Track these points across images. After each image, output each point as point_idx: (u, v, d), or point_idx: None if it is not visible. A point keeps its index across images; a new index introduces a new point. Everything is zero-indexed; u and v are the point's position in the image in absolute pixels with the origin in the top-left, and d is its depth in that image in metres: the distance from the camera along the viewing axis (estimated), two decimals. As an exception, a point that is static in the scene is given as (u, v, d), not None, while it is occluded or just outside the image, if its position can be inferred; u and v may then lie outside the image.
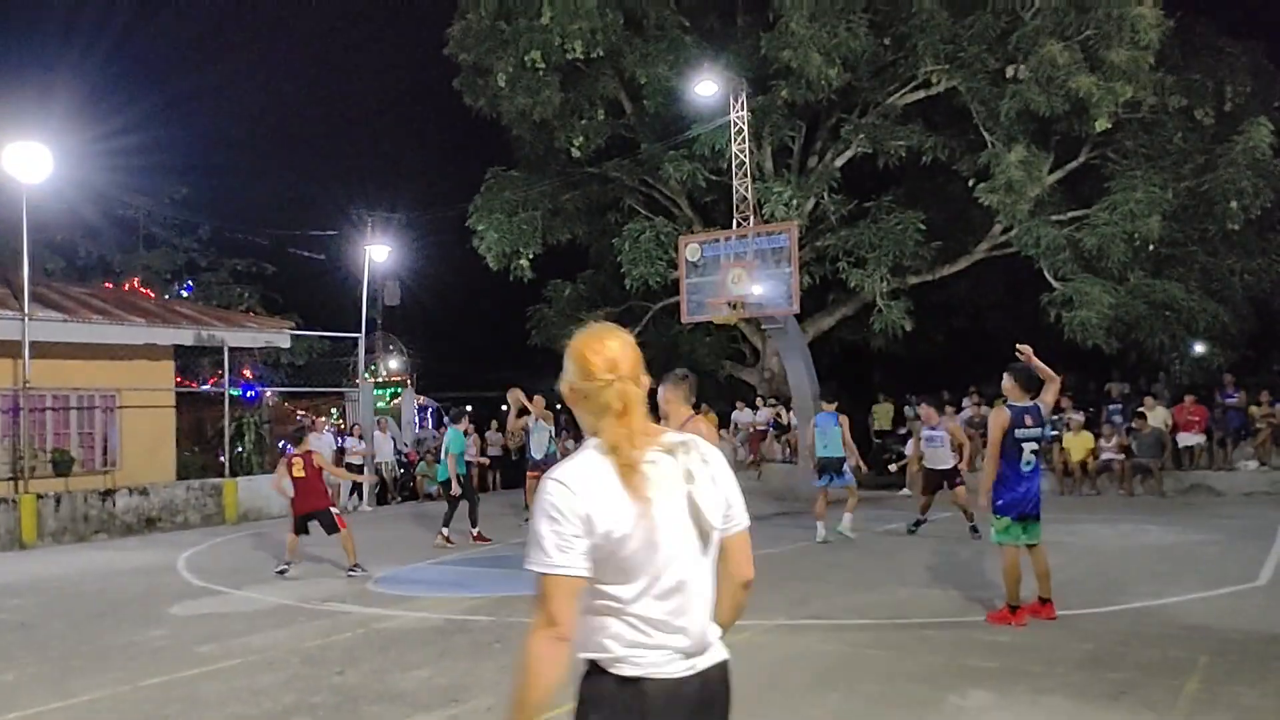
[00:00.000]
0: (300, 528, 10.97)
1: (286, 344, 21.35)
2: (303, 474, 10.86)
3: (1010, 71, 18.98)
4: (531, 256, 23.21)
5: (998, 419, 7.32)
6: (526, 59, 20.37)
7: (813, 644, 7.20)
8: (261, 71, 53.95)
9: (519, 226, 22.92)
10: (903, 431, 20.85)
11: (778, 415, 22.12)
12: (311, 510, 10.86)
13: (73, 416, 17.16)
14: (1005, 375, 7.47)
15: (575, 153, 22.09)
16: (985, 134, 19.56)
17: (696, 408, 6.99)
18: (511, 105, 21.40)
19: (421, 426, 28.03)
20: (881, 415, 23.03)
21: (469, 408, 17.58)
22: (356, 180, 47.72)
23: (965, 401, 20.16)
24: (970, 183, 19.70)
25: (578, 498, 2.16)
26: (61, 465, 16.51)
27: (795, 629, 7.67)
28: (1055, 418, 19.30)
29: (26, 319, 15.51)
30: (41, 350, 15.74)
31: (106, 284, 24.53)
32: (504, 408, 19.55)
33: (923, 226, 20.50)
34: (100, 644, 7.98)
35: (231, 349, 19.21)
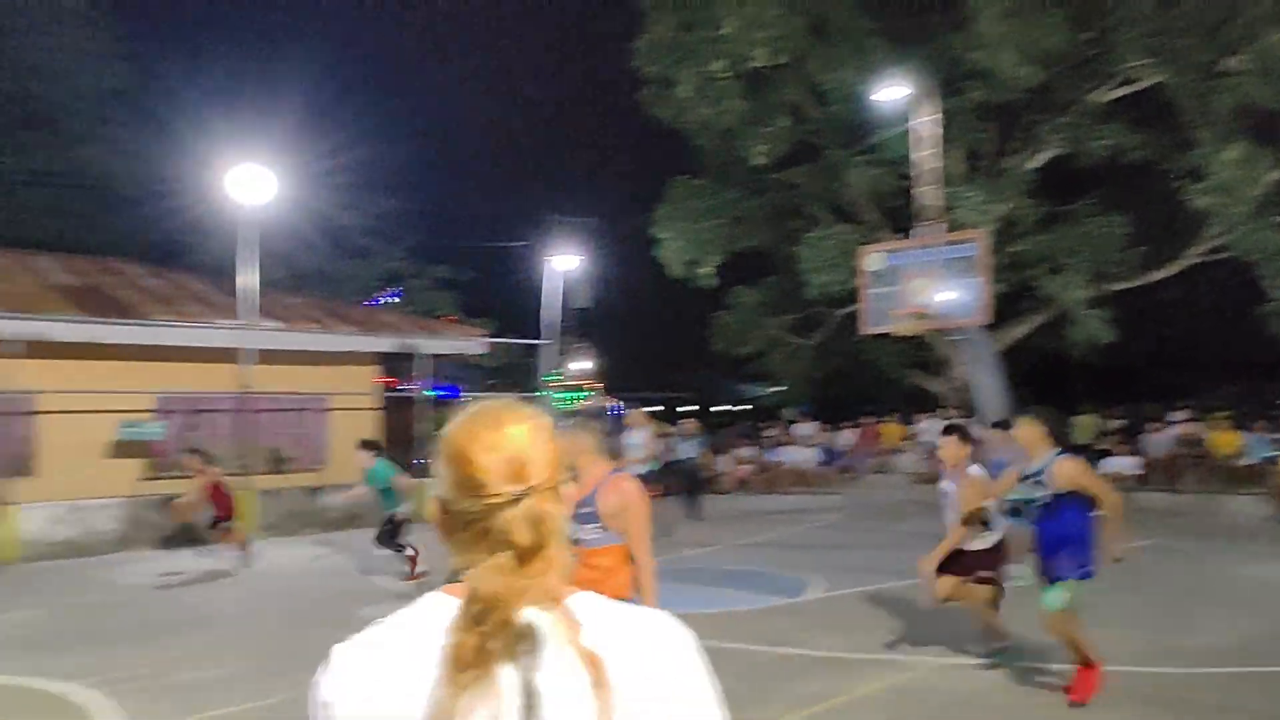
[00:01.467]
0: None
1: (480, 350, 22.05)
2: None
3: (1226, 64, 17.40)
4: (714, 265, 23.12)
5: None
6: (710, 69, 20.29)
7: (982, 687, 6.73)
8: (457, 93, 56.27)
9: (702, 234, 22.88)
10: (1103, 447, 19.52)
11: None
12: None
13: (288, 418, 18.30)
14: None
15: (758, 160, 21.83)
16: (1196, 131, 18.01)
17: (871, 413, 6.52)
18: (695, 115, 21.37)
19: (606, 429, 28.42)
20: (1083, 428, 21.65)
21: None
22: (548, 192, 49.05)
23: (1175, 415, 18.69)
24: (1179, 184, 18.19)
25: (341, 693, 1.34)
26: (277, 463, 17.64)
27: (964, 670, 7.19)
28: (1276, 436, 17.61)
29: (248, 328, 16.66)
30: (262, 357, 16.85)
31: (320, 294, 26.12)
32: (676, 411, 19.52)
33: (1127, 230, 19.11)
34: (300, 643, 8.38)
35: (430, 354, 20.04)
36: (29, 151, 27.87)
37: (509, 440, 1.39)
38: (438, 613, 1.34)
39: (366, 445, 11.67)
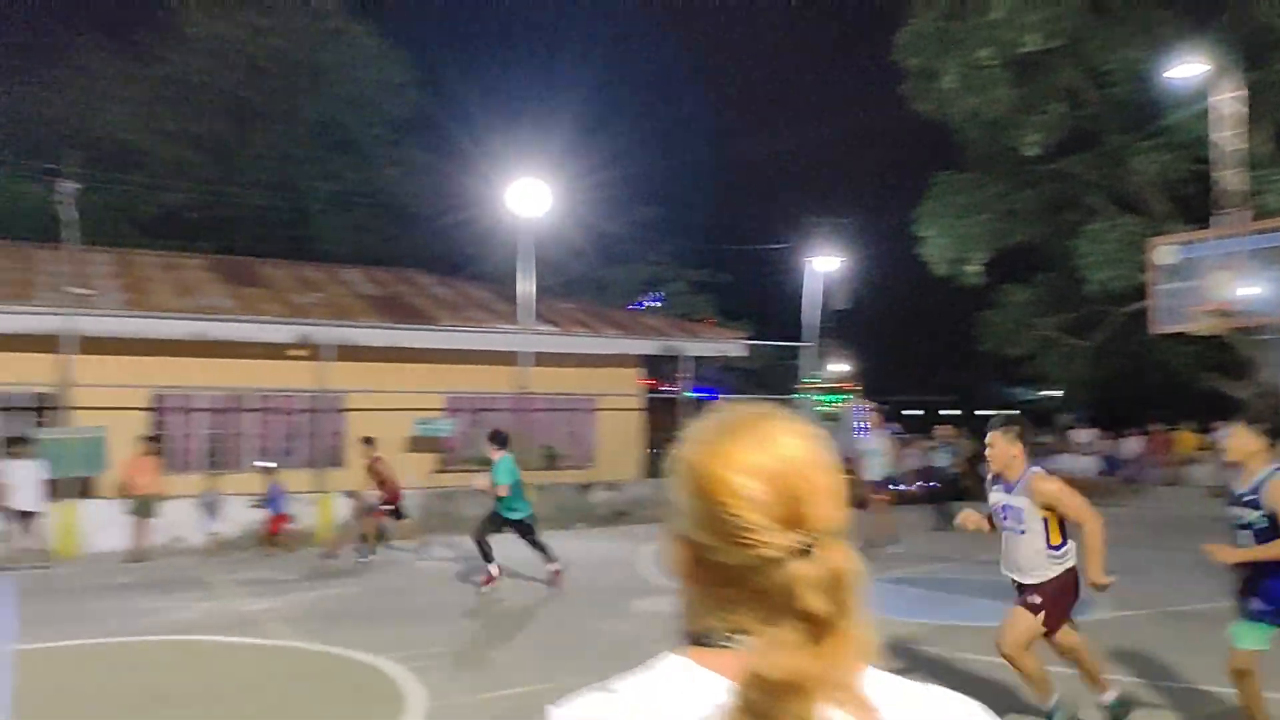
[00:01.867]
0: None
1: (740, 352, 22.21)
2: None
3: None
4: (981, 261, 22.08)
5: None
6: (976, 57, 19.40)
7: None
8: (717, 100, 56.93)
9: (968, 230, 21.91)
10: None
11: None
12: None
13: (560, 417, 19.22)
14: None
15: (1029, 150, 20.63)
16: None
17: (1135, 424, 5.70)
18: (960, 106, 20.51)
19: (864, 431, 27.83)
20: None
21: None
22: (807, 194, 48.63)
23: None
24: None
25: None
26: (550, 460, 18.56)
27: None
28: None
29: (525, 332, 17.66)
30: (537, 359, 17.81)
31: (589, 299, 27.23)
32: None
33: None
34: (578, 631, 8.78)
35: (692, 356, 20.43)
36: (337, 176, 30.91)
37: (784, 465, 1.03)
38: (687, 688, 1.03)
39: (494, 438, 10.90)
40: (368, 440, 14.03)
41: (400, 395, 16.80)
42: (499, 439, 10.82)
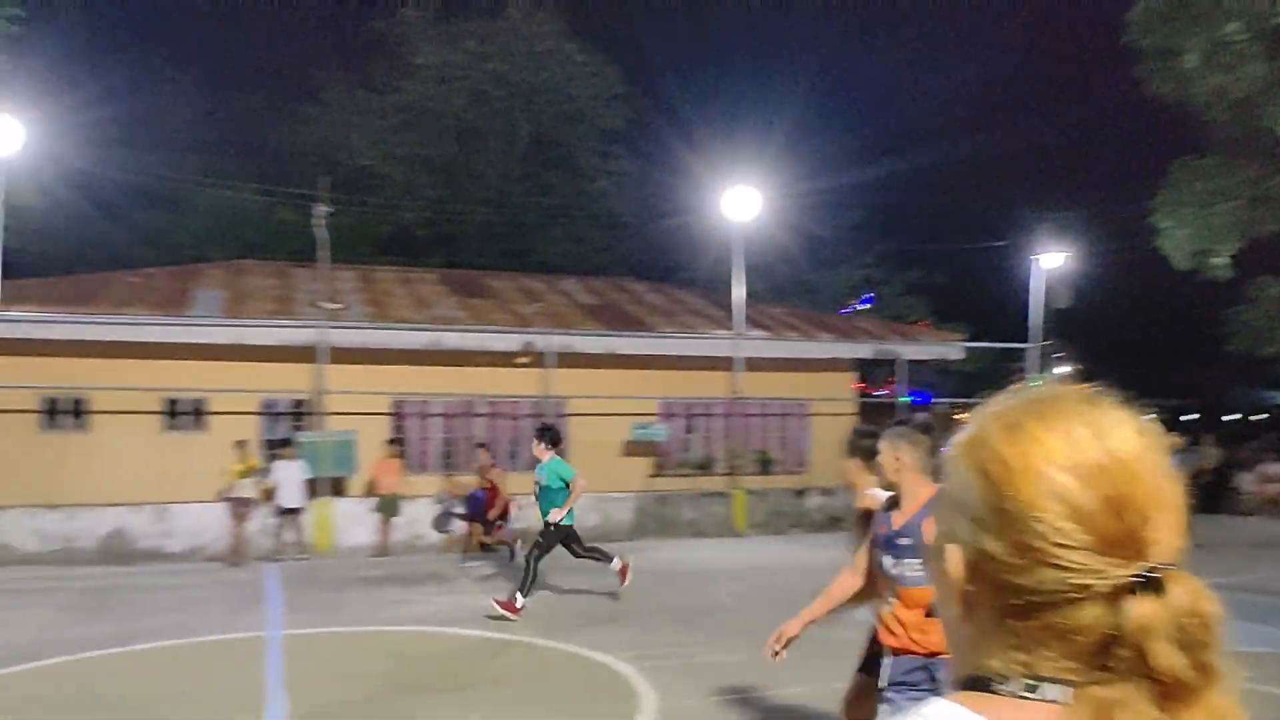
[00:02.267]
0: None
1: (958, 355, 21.38)
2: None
3: None
4: (1229, 253, 20.26)
5: None
6: (1223, 32, 17.83)
7: None
8: (930, 94, 55.14)
9: (1213, 220, 20.15)
10: None
11: None
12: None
13: (773, 422, 19.11)
14: None
15: (1286, 130, 18.76)
16: None
17: None
18: (1204, 86, 18.89)
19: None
20: None
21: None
22: (1029, 188, 46.26)
23: None
24: None
25: None
26: (764, 465, 18.48)
27: None
28: None
29: (738, 338, 17.68)
30: (749, 364, 17.79)
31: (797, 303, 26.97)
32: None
33: None
34: (803, 637, 8.68)
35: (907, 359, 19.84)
36: (551, 190, 32.08)
37: (1119, 465, 0.79)
38: None
39: (544, 434, 9.79)
40: (482, 445, 14.53)
41: (617, 401, 17.21)
42: (549, 435, 9.76)
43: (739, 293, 18.05)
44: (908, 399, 23.07)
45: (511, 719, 6.27)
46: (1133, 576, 0.76)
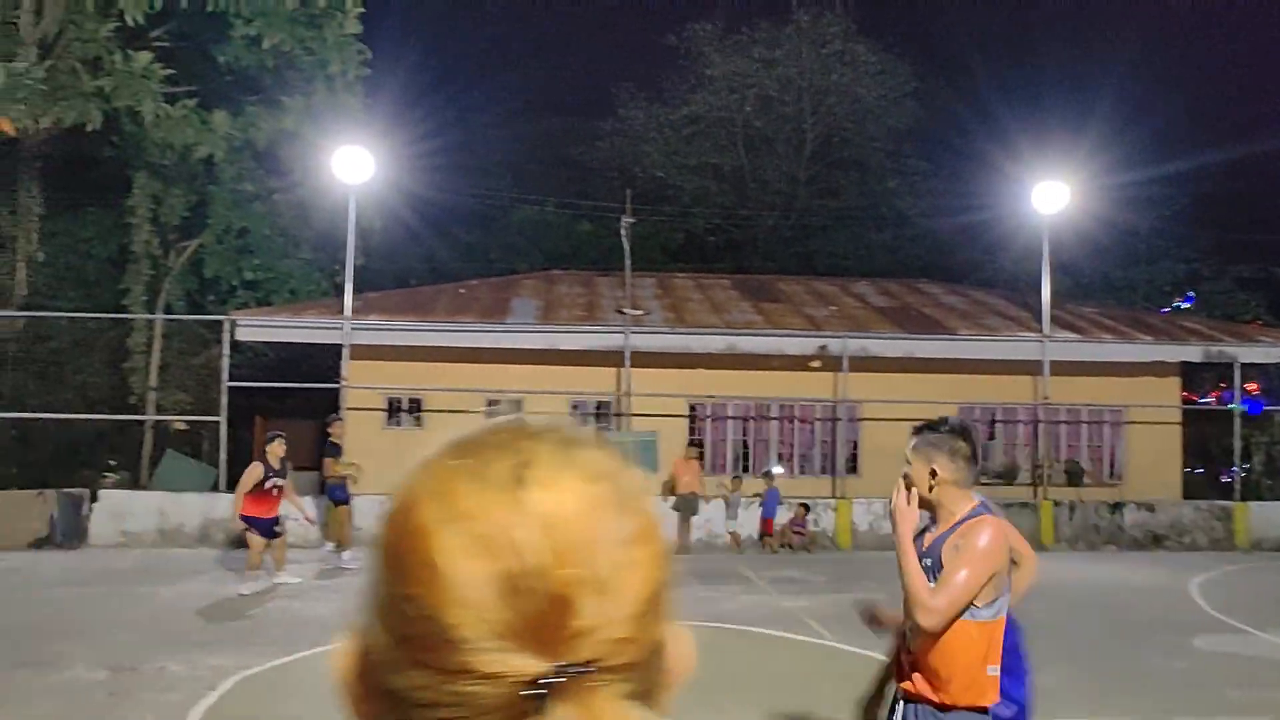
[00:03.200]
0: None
1: (1305, 358, 18.99)
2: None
3: None
4: None
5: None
6: None
7: None
8: (1255, 80, 49.13)
9: None
10: None
11: None
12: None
13: (1082, 430, 17.83)
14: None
15: None
16: None
17: None
18: None
19: None
20: None
21: None
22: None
23: None
24: None
25: None
26: (1073, 476, 17.28)
27: None
28: None
29: (1046, 340, 16.66)
30: (1054, 368, 16.71)
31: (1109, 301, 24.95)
32: None
33: None
34: (1128, 663, 8.07)
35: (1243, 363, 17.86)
36: (838, 192, 31.70)
37: (542, 528, 0.58)
38: None
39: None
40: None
41: (914, 405, 16.72)
42: None
43: (1046, 292, 16.99)
44: (1241, 407, 20.77)
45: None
46: (534, 678, 0.56)
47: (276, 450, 11.00)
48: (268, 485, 10.80)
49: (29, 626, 8.80)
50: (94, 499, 14.76)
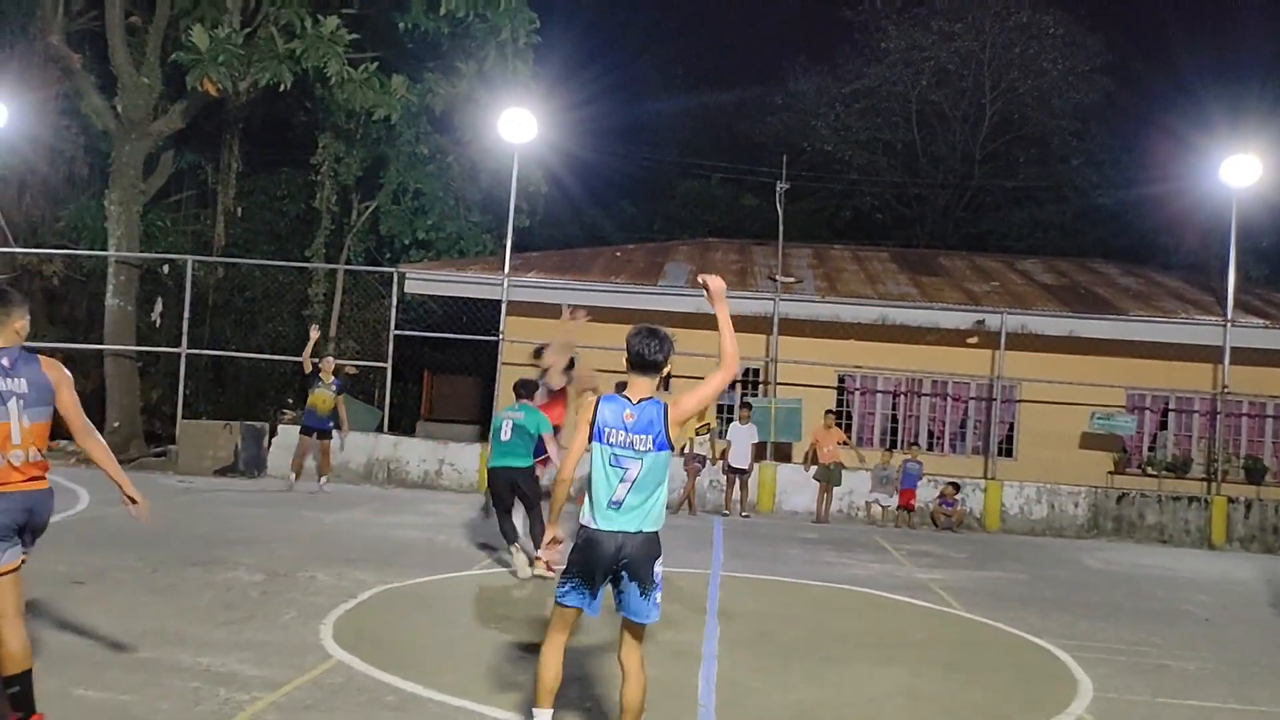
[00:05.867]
0: None
1: None
2: None
3: None
4: None
5: None
6: None
7: None
8: None
9: None
10: None
11: None
12: None
13: (1267, 425, 16.52)
14: None
15: None
16: None
17: None
18: None
19: None
20: None
21: None
22: None
23: None
24: None
25: None
26: (1254, 473, 16.05)
27: None
28: None
29: (1228, 325, 15.48)
30: (1239, 356, 15.51)
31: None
32: None
33: None
34: (1273, 658, 7.51)
35: None
36: (1015, 171, 30.29)
37: None
38: None
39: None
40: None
41: (1077, 388, 15.90)
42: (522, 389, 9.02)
43: (1232, 273, 15.74)
44: None
45: (937, 680, 6.14)
46: None
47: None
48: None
49: (203, 535, 9.61)
50: (273, 434, 15.88)
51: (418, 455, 15.42)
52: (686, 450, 14.54)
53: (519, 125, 15.82)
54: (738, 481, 14.72)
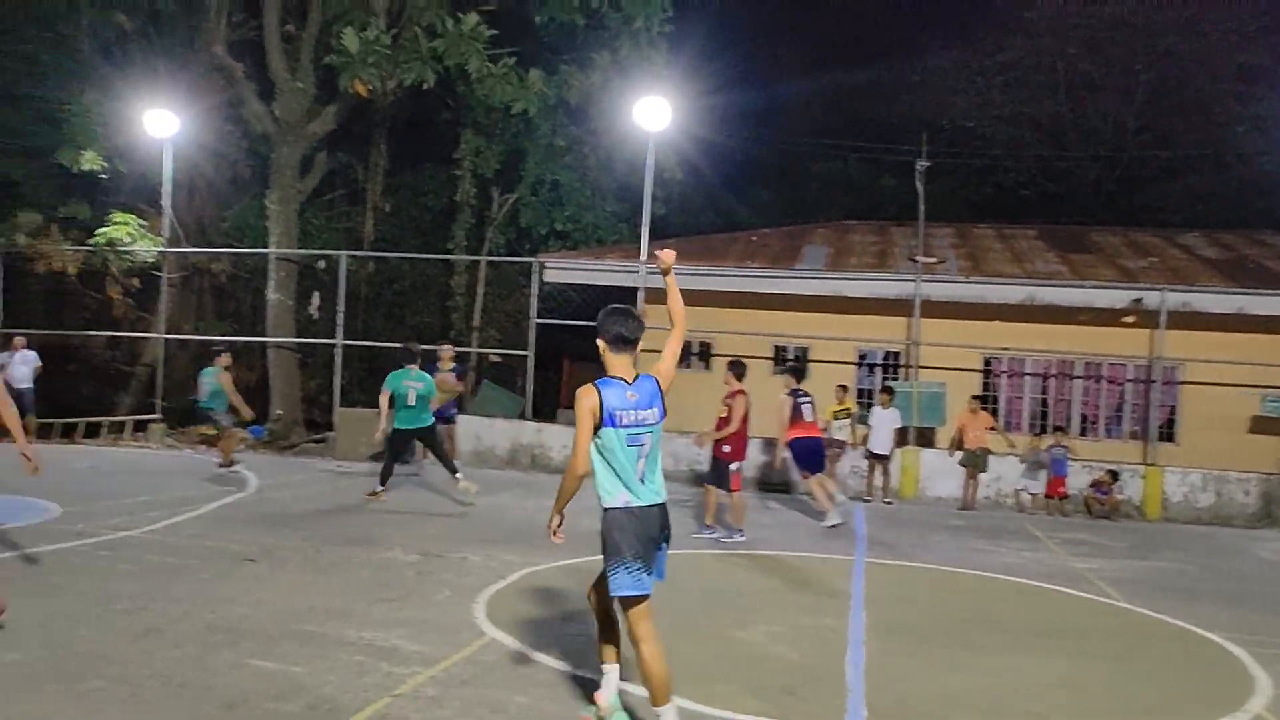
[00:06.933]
0: None
1: None
2: None
3: None
4: None
5: None
6: None
7: None
8: None
9: None
10: None
11: None
12: None
13: None
14: None
15: None
16: None
17: None
18: None
19: None
20: None
21: None
22: None
23: None
24: None
25: None
26: None
27: None
28: None
29: None
30: None
31: None
32: None
33: None
34: None
35: None
36: (1172, 141, 28.50)
37: None
38: None
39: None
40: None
41: (1246, 369, 14.87)
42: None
43: None
44: None
45: (1101, 672, 5.85)
46: None
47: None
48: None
49: (360, 517, 10.04)
50: (421, 421, 16.43)
51: (560, 441, 15.68)
52: (825, 434, 14.30)
53: (654, 113, 15.83)
54: (879, 467, 14.39)
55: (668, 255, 4.48)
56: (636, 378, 4.26)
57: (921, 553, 9.97)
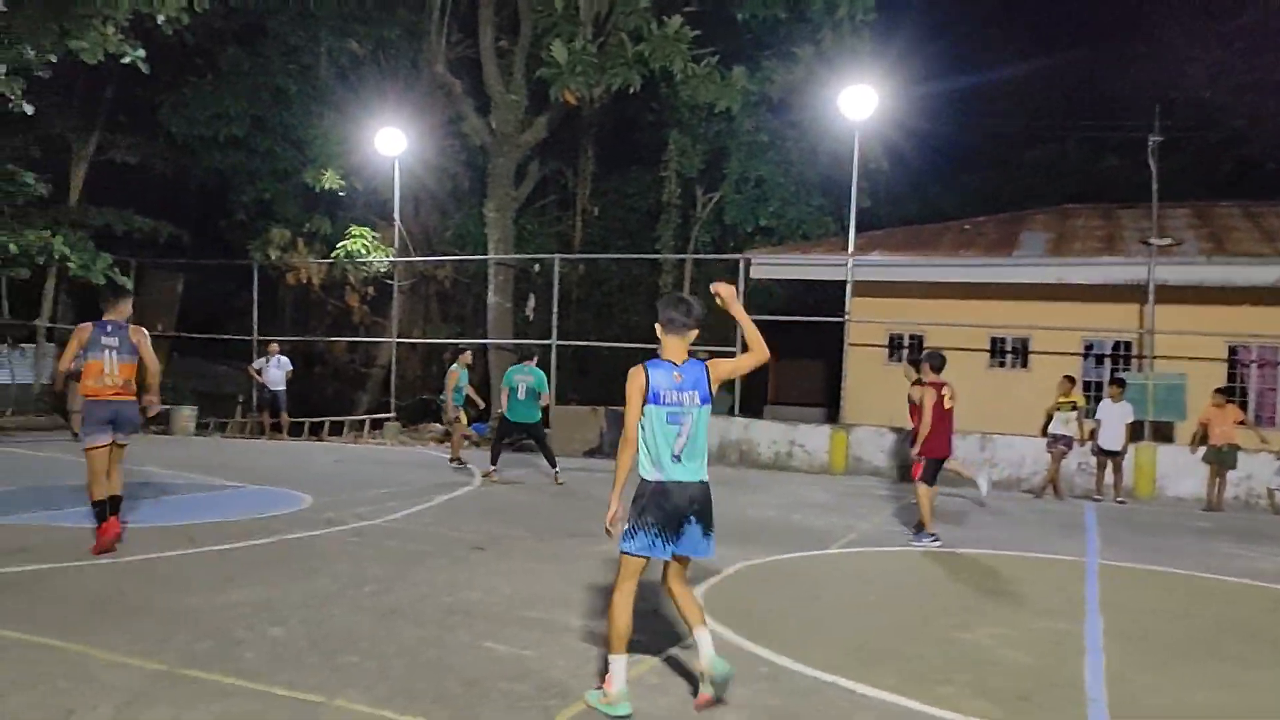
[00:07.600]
0: None
1: None
2: None
3: None
4: None
5: None
6: None
7: None
8: None
9: None
10: None
11: None
12: None
13: None
14: None
15: None
16: None
17: None
18: None
19: None
20: None
21: None
22: None
23: None
24: None
25: None
26: None
27: None
28: None
29: None
30: None
31: None
32: None
33: None
34: None
35: None
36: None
37: None
38: None
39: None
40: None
41: None
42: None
43: None
44: None
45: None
46: None
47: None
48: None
49: (578, 509, 10.34)
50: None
51: (768, 437, 15.59)
52: (1051, 430, 13.49)
53: (859, 102, 15.45)
54: (1109, 464, 13.42)
55: (726, 290, 4.60)
56: (685, 361, 4.44)
57: (1164, 556, 9.20)
